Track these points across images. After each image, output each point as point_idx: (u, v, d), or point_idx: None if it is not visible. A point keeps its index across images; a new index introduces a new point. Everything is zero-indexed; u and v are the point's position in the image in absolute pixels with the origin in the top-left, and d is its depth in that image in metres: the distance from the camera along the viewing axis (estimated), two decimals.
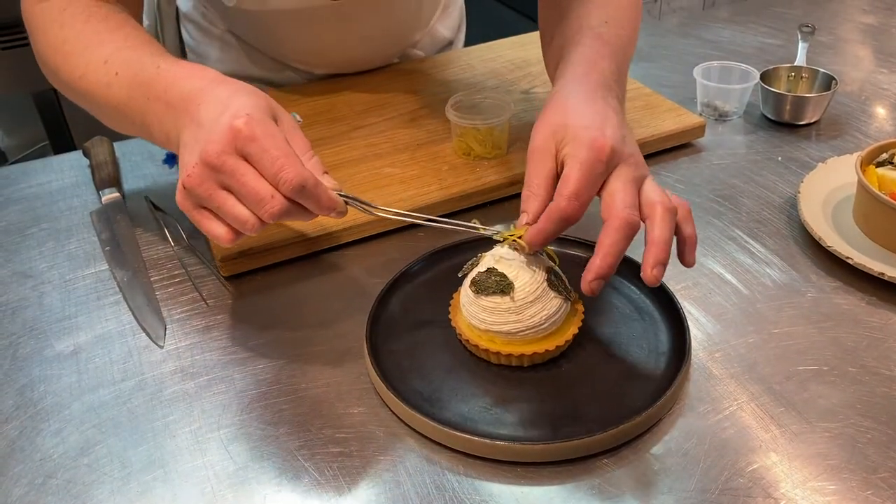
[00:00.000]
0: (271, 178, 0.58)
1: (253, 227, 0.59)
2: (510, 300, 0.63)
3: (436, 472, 0.59)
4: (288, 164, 0.58)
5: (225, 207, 0.59)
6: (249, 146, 0.58)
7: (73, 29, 0.74)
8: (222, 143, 0.58)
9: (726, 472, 0.58)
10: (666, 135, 0.94)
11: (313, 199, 0.60)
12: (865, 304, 0.72)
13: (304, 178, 0.58)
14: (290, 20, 1.00)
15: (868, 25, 1.33)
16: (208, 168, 0.58)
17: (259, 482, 0.58)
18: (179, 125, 0.63)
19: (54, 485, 0.59)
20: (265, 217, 0.59)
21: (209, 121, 0.60)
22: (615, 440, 0.59)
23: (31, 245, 0.84)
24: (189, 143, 0.61)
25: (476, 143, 0.89)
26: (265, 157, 0.58)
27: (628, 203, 0.60)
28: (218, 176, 0.58)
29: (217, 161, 0.58)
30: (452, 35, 1.21)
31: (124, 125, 0.73)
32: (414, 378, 0.65)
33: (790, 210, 0.85)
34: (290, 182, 0.58)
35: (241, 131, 0.58)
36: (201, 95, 0.62)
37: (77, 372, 0.68)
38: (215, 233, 0.61)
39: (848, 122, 1.02)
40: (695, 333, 0.69)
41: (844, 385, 0.64)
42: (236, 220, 0.59)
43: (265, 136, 0.58)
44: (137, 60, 0.69)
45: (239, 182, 0.58)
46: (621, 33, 0.76)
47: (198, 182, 0.59)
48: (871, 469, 0.58)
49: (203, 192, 0.59)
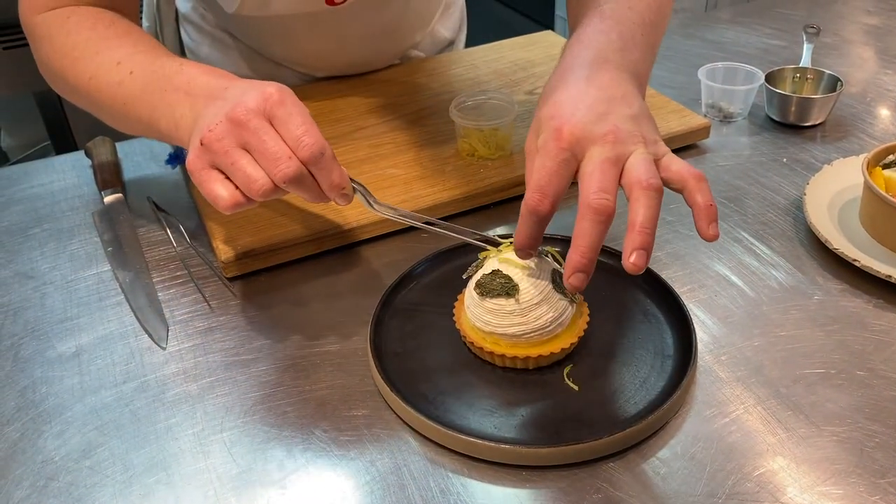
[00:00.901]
0: (293, 141, 0.60)
1: (260, 188, 0.60)
2: (515, 302, 0.62)
3: (440, 475, 0.58)
4: (311, 130, 0.60)
5: (238, 164, 0.60)
6: (278, 109, 0.60)
7: (81, 35, 0.75)
8: (253, 103, 0.60)
9: (733, 476, 0.57)
10: (670, 136, 0.94)
11: (326, 171, 0.61)
12: (872, 307, 0.72)
13: (323, 145, 0.61)
14: (290, 25, 0.99)
15: (872, 27, 1.32)
16: (233, 124, 0.60)
17: (262, 485, 0.58)
18: (197, 108, 0.65)
19: (56, 487, 0.58)
20: (278, 177, 0.59)
21: (237, 94, 0.62)
22: (621, 444, 0.59)
23: (33, 246, 0.84)
24: (209, 114, 0.62)
25: (480, 144, 0.89)
26: (291, 121, 0.60)
27: (595, 187, 0.56)
28: (240, 132, 0.60)
29: (244, 117, 0.60)
30: (453, 35, 1.21)
31: (128, 122, 0.73)
32: (418, 380, 0.64)
33: (796, 212, 0.84)
34: (310, 146, 0.60)
35: (273, 95, 0.61)
36: (228, 85, 0.65)
37: (79, 373, 0.68)
38: (217, 194, 0.61)
39: (853, 123, 1.01)
40: (700, 336, 0.69)
41: (852, 388, 0.64)
42: (247, 179, 0.60)
43: (294, 104, 0.61)
44: (156, 60, 0.71)
45: (259, 139, 0.60)
46: (635, 4, 0.72)
47: (218, 137, 0.60)
48: (879, 473, 0.57)
49: (220, 148, 0.60)
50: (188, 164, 0.62)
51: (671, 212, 0.85)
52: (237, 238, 0.78)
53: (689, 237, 0.81)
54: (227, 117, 0.60)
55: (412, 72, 1.12)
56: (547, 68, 1.10)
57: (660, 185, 0.57)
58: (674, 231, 0.82)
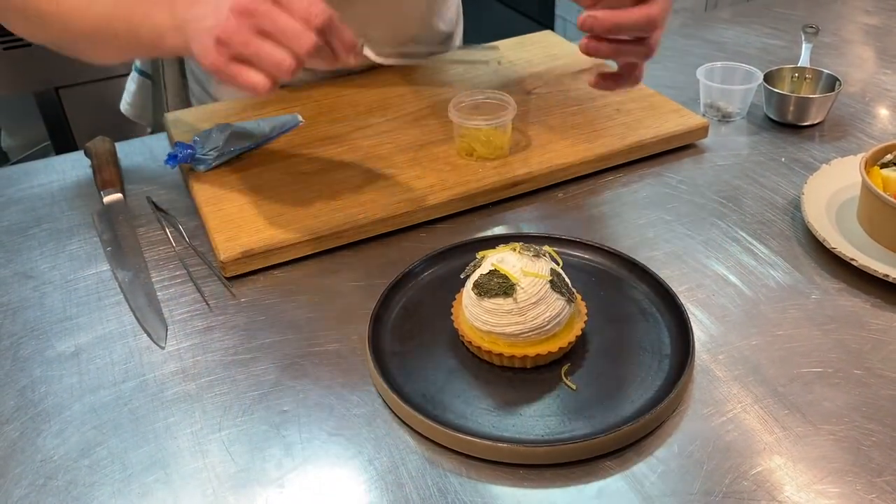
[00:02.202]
0: (303, 14, 0.63)
1: (290, 67, 0.63)
2: (513, 302, 0.62)
3: (438, 474, 0.58)
4: (316, 2, 0.63)
5: (262, 51, 0.63)
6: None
7: None
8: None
9: (730, 474, 0.57)
10: (669, 136, 0.94)
11: (339, 35, 0.65)
12: (870, 306, 0.72)
13: (331, 12, 0.64)
14: None
15: (871, 26, 1.32)
16: (243, 15, 0.62)
17: (261, 484, 0.58)
18: (179, 10, 0.66)
19: (55, 486, 0.59)
20: (301, 51, 0.63)
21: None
22: (618, 442, 0.59)
23: (33, 245, 0.84)
24: (204, 12, 0.64)
25: (478, 144, 0.89)
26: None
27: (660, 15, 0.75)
28: (252, 21, 0.62)
29: (251, 6, 0.62)
30: (450, 29, 1.21)
31: (105, 44, 0.75)
32: (416, 380, 0.64)
33: (794, 211, 0.85)
34: (320, 15, 0.63)
35: None
36: None
37: (78, 373, 0.68)
38: (253, 80, 0.64)
39: (852, 123, 1.02)
40: (698, 335, 0.69)
41: (849, 387, 0.64)
42: (273, 62, 0.63)
43: None
44: None
45: (273, 21, 0.62)
46: None
47: (234, 30, 0.62)
48: (875, 472, 0.57)
49: (241, 39, 0.63)
50: (210, 65, 0.64)
51: (669, 211, 0.85)
52: (236, 238, 0.78)
53: (687, 237, 0.81)
54: (233, 10, 0.62)
55: (411, 72, 1.12)
56: (546, 68, 1.10)
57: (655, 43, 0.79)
58: (671, 231, 0.82)
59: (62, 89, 1.85)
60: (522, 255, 0.65)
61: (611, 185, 0.90)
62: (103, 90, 1.87)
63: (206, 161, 0.88)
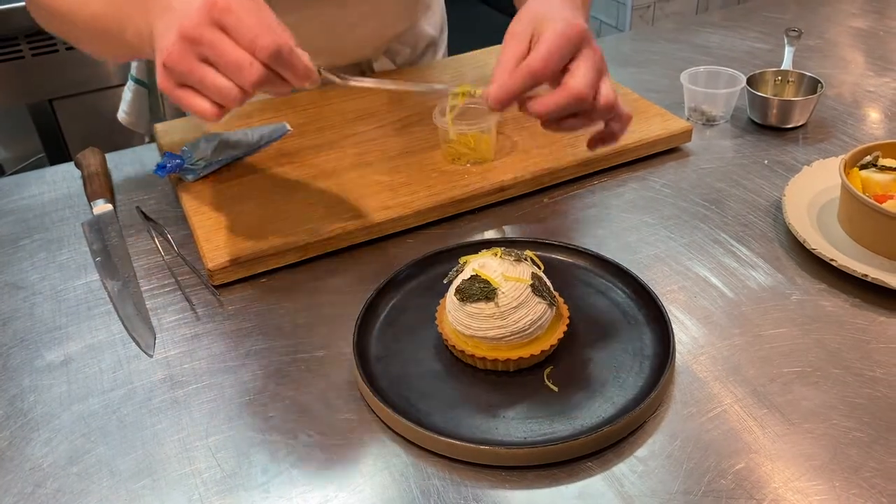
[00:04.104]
0: (248, 45, 0.59)
1: (235, 97, 0.60)
2: (494, 306, 0.63)
3: (422, 476, 0.59)
4: (263, 31, 0.59)
5: (206, 80, 0.60)
6: (226, 17, 0.59)
7: None
8: (199, 16, 0.59)
9: (710, 473, 0.58)
10: (653, 140, 0.95)
11: (289, 67, 0.61)
12: (850, 306, 0.73)
13: (279, 43, 0.60)
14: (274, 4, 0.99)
15: (857, 29, 1.33)
16: (187, 42, 0.59)
17: (246, 489, 0.59)
18: (151, 17, 0.64)
19: (43, 494, 0.59)
20: (245, 85, 0.60)
21: (182, 4, 0.61)
22: (599, 443, 0.60)
23: (23, 256, 0.85)
24: (162, 30, 0.62)
25: (464, 149, 0.90)
26: (241, 26, 0.59)
27: (588, 82, 0.65)
28: (197, 48, 0.60)
29: (195, 33, 0.59)
30: (436, 33, 1.22)
31: (100, 38, 0.74)
32: (401, 384, 0.65)
33: (776, 213, 0.85)
34: (266, 48, 0.59)
35: (217, 3, 0.59)
36: None
37: (67, 382, 0.69)
38: (200, 108, 0.62)
39: (835, 125, 1.03)
40: (680, 337, 0.70)
41: (828, 386, 0.65)
42: (219, 91, 0.60)
43: (240, 7, 0.60)
44: None
45: (217, 52, 0.59)
46: None
47: (178, 58, 0.60)
48: (853, 469, 0.58)
49: (184, 68, 0.60)
50: (160, 87, 0.63)
51: (652, 215, 0.86)
52: (224, 246, 0.79)
53: (670, 240, 0.82)
54: (179, 35, 0.59)
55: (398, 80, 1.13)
56: None
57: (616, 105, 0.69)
58: (655, 234, 0.83)
59: (56, 101, 1.85)
60: (504, 259, 0.66)
61: (595, 189, 0.91)
62: (97, 101, 1.88)
63: (195, 171, 0.89)
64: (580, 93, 0.65)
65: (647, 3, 2.85)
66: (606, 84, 0.68)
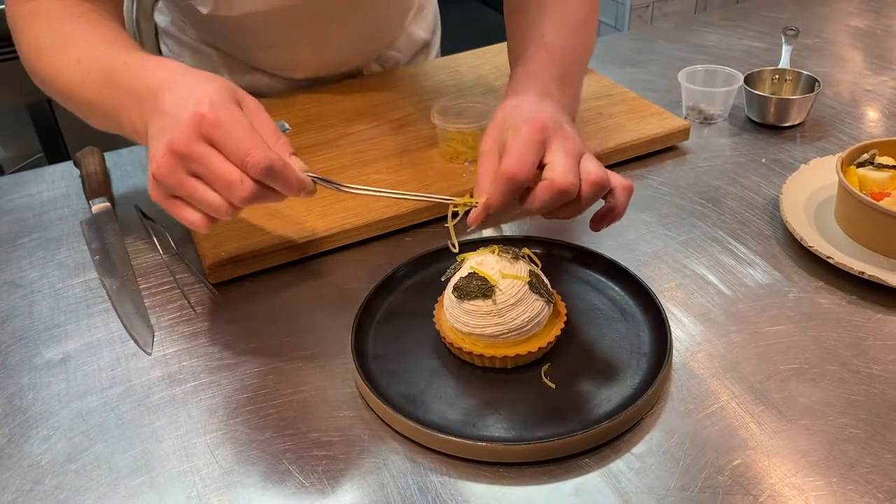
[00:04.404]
0: (239, 162, 0.58)
1: (226, 212, 0.60)
2: (492, 303, 0.63)
3: (419, 473, 0.59)
4: (254, 146, 0.58)
5: (196, 195, 0.60)
6: (215, 132, 0.58)
7: (50, 30, 0.75)
8: (188, 130, 0.58)
9: (707, 469, 0.58)
10: (651, 138, 0.95)
11: (282, 181, 0.60)
12: (847, 304, 0.73)
13: (271, 160, 0.59)
14: (266, 23, 0.99)
15: (855, 28, 1.34)
16: (176, 157, 0.59)
17: (244, 486, 0.59)
18: (146, 116, 0.64)
19: (42, 491, 0.59)
20: (236, 201, 0.59)
21: (174, 109, 0.60)
22: (596, 440, 0.60)
23: (22, 255, 0.85)
24: (156, 133, 0.61)
25: (462, 148, 0.90)
26: (231, 142, 0.58)
27: (567, 170, 0.64)
28: (186, 164, 0.59)
29: (185, 149, 0.58)
30: (428, 36, 1.22)
31: (100, 120, 0.74)
32: (398, 381, 0.65)
33: (773, 211, 0.86)
34: (257, 165, 0.58)
35: (206, 117, 0.58)
36: (166, 85, 0.63)
37: (66, 379, 0.69)
38: (190, 220, 0.61)
39: (832, 123, 1.03)
40: (677, 334, 0.70)
41: (824, 383, 0.65)
42: (209, 206, 0.60)
43: (230, 121, 0.59)
44: (107, 57, 0.70)
45: (207, 168, 0.58)
46: (572, 38, 0.81)
47: (167, 172, 0.59)
48: (849, 465, 0.58)
49: (173, 182, 0.60)
50: (151, 196, 0.62)
51: (650, 213, 0.86)
52: (222, 245, 0.79)
53: (668, 237, 0.82)
54: (169, 150, 0.58)
55: (396, 79, 1.13)
56: None
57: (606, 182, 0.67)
58: (652, 232, 0.83)
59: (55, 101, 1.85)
60: (501, 257, 0.66)
61: None
62: None
63: None
64: (559, 185, 0.64)
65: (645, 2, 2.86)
66: (588, 162, 0.67)
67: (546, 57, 0.77)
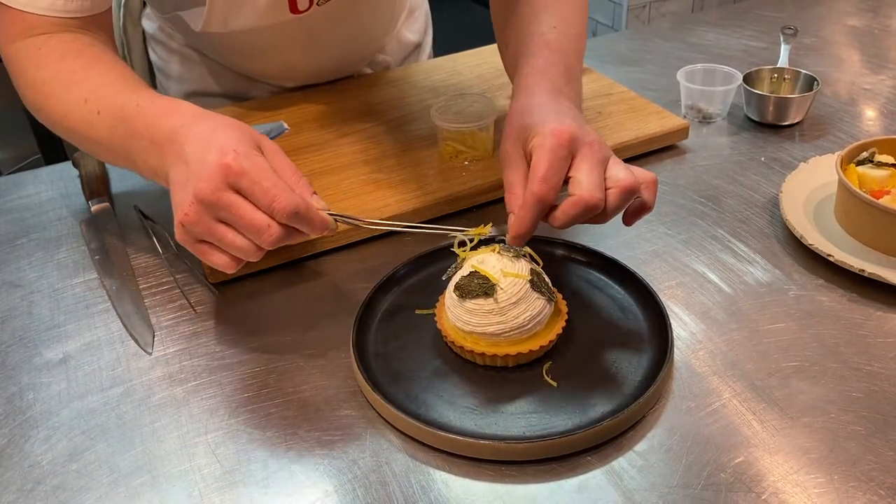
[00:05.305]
0: (265, 208, 0.61)
1: (253, 254, 0.63)
2: (493, 302, 0.63)
3: (421, 471, 0.59)
4: (280, 193, 0.61)
5: (225, 240, 0.62)
6: (241, 181, 0.61)
7: (49, 69, 0.75)
8: (215, 180, 0.60)
9: (709, 467, 0.58)
10: (650, 137, 0.95)
11: (306, 223, 0.63)
12: (847, 301, 0.73)
13: (296, 204, 0.61)
14: (256, 37, 0.99)
15: (853, 28, 1.34)
16: (204, 205, 0.61)
17: (246, 485, 0.59)
18: (166, 162, 0.65)
19: (42, 491, 0.59)
20: (265, 245, 0.62)
21: (197, 159, 0.62)
22: (598, 438, 0.60)
23: (21, 255, 0.85)
24: (179, 180, 0.63)
25: (462, 147, 0.90)
26: (257, 190, 0.61)
27: (594, 185, 0.63)
28: (215, 211, 0.61)
29: (213, 198, 0.60)
30: (419, 39, 1.22)
31: (110, 158, 0.75)
32: (400, 380, 0.65)
33: (773, 210, 0.86)
34: (284, 210, 0.61)
35: (231, 167, 0.60)
36: (183, 133, 0.64)
37: (66, 379, 0.69)
38: (218, 263, 0.64)
39: (831, 122, 1.03)
40: (678, 332, 0.70)
41: (825, 381, 0.65)
42: (238, 250, 0.62)
43: (254, 169, 0.61)
44: (117, 98, 0.70)
45: (236, 215, 0.61)
46: (570, 32, 0.80)
47: (195, 219, 0.61)
48: (851, 462, 0.58)
49: (201, 229, 0.62)
50: (178, 240, 0.64)
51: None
52: None
53: (668, 236, 0.82)
54: (197, 199, 0.60)
55: (395, 79, 1.13)
56: None
57: (635, 187, 0.65)
58: (652, 230, 0.83)
59: None
60: (502, 255, 0.66)
61: None
62: None
63: None
64: (587, 201, 0.63)
65: (642, 2, 2.86)
66: (616, 168, 0.65)
67: (550, 53, 0.77)
